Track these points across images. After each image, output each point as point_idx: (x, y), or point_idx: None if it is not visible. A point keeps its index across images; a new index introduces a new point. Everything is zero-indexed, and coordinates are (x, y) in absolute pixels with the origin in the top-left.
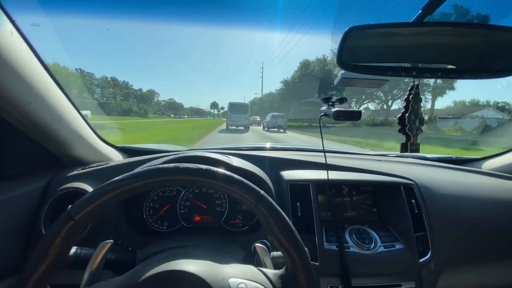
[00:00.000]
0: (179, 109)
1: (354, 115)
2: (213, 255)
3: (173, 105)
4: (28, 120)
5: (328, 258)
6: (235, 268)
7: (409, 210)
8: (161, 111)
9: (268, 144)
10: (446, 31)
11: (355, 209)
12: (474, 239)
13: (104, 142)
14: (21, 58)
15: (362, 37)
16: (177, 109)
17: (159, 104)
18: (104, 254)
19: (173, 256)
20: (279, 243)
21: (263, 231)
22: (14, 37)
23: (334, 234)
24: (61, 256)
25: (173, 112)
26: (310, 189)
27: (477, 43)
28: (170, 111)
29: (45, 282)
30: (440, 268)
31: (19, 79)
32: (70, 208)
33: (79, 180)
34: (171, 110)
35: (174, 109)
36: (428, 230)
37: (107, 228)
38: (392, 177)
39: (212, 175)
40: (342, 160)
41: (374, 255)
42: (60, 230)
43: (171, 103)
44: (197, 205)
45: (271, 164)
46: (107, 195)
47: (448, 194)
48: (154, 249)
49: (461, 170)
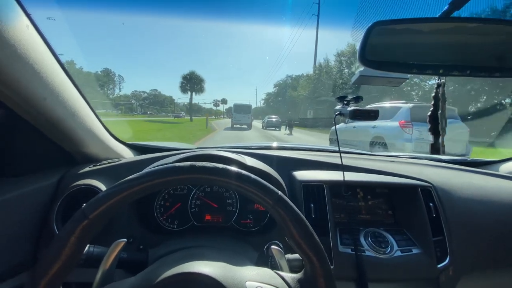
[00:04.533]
0: (165, 104)
1: (371, 115)
2: (228, 256)
3: (157, 99)
4: (43, 116)
5: (342, 262)
6: (252, 270)
7: (426, 213)
8: (126, 106)
9: (278, 143)
10: (475, 27)
11: (370, 212)
12: (493, 244)
13: (116, 139)
14: (36, 53)
15: (386, 32)
16: (162, 104)
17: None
18: (117, 253)
19: (188, 257)
20: (298, 247)
21: (275, 231)
22: (29, 31)
23: (348, 237)
24: (75, 255)
25: (155, 108)
26: (324, 190)
27: (508, 40)
28: (152, 107)
29: (59, 281)
30: (459, 274)
31: (35, 74)
32: (84, 206)
33: (91, 176)
34: (153, 106)
35: (158, 104)
36: (447, 234)
37: (119, 226)
38: (409, 179)
39: (229, 174)
40: (356, 161)
41: (390, 260)
42: (74, 229)
43: (155, 96)
44: (208, 204)
45: (283, 164)
46: (122, 194)
47: (466, 198)
48: (166, 248)
49: (478, 173)
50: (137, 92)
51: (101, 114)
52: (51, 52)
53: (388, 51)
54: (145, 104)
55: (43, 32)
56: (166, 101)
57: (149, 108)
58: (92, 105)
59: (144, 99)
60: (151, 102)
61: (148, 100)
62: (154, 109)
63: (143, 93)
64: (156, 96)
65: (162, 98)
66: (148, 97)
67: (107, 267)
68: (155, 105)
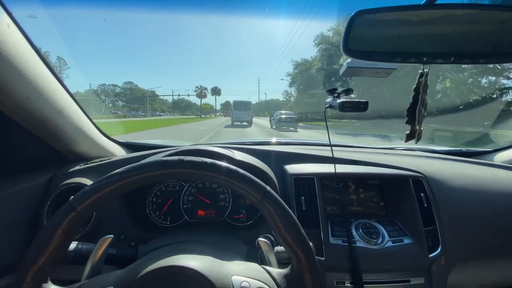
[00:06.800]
0: (145, 101)
1: (360, 106)
2: (215, 250)
3: (134, 94)
4: (28, 114)
5: (334, 253)
6: (239, 265)
7: (418, 204)
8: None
9: (272, 139)
10: (460, 14)
11: (362, 203)
12: (485, 233)
13: (107, 137)
14: (18, 51)
15: (369, 21)
16: (141, 101)
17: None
18: (104, 249)
19: (175, 251)
20: (285, 241)
21: (267, 225)
22: (11, 30)
23: (339, 228)
24: (62, 247)
25: (128, 106)
26: (315, 182)
27: (494, 26)
28: (129, 105)
29: (45, 274)
30: (451, 263)
31: (17, 73)
32: (72, 198)
33: (81, 175)
34: (130, 104)
35: (136, 101)
36: (438, 224)
37: (110, 224)
38: (400, 170)
39: (217, 169)
40: (348, 154)
41: (381, 250)
42: (61, 221)
43: (131, 90)
44: (200, 200)
45: (275, 158)
46: (110, 187)
47: (459, 187)
48: (156, 244)
49: (472, 163)
50: (107, 87)
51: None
52: (34, 50)
53: (372, 40)
54: (122, 101)
55: (25, 30)
56: (145, 96)
57: (126, 107)
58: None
59: (117, 95)
60: (128, 98)
61: (123, 96)
62: (127, 107)
63: (114, 87)
64: (132, 90)
65: (140, 93)
66: (122, 93)
67: (94, 262)
68: (132, 103)
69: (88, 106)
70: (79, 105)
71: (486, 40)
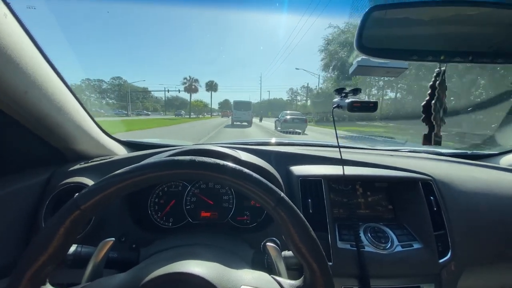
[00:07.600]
0: (134, 98)
1: (369, 106)
2: (221, 255)
3: (122, 90)
4: (25, 110)
5: (342, 258)
6: (248, 274)
7: (427, 207)
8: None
9: (276, 139)
10: (479, 11)
11: (369, 206)
12: (495, 238)
13: (108, 136)
14: (15, 43)
15: (384, 18)
16: (124, 97)
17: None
18: (105, 252)
19: (180, 255)
20: (298, 252)
21: (272, 228)
22: (8, 20)
23: (347, 232)
24: (63, 249)
25: (114, 104)
26: (322, 185)
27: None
28: (118, 103)
29: (44, 275)
30: (461, 269)
31: (14, 66)
32: (77, 196)
33: (81, 174)
34: (119, 102)
35: (124, 98)
36: (448, 228)
37: (111, 225)
38: (409, 172)
39: (228, 171)
40: (355, 155)
41: (391, 255)
42: (64, 219)
43: (119, 86)
44: (203, 201)
45: (280, 159)
46: (117, 185)
47: (467, 191)
48: (158, 246)
49: (478, 165)
50: (92, 82)
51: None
52: (33, 42)
53: (387, 37)
54: (110, 98)
55: (23, 22)
56: (128, 92)
57: (117, 104)
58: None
59: (104, 91)
60: (117, 95)
61: (111, 93)
62: (117, 104)
63: (99, 82)
64: (120, 86)
65: (131, 90)
66: (110, 89)
67: (95, 265)
68: (121, 100)
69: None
70: (80, 102)
71: (506, 39)
